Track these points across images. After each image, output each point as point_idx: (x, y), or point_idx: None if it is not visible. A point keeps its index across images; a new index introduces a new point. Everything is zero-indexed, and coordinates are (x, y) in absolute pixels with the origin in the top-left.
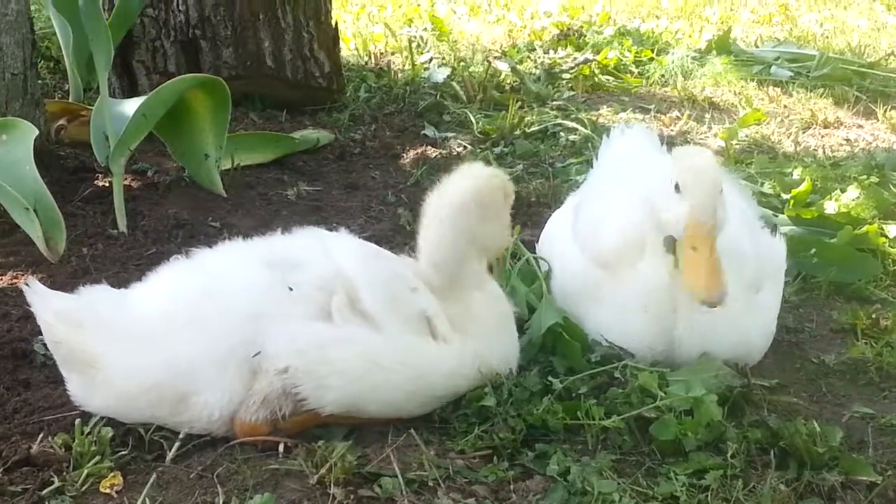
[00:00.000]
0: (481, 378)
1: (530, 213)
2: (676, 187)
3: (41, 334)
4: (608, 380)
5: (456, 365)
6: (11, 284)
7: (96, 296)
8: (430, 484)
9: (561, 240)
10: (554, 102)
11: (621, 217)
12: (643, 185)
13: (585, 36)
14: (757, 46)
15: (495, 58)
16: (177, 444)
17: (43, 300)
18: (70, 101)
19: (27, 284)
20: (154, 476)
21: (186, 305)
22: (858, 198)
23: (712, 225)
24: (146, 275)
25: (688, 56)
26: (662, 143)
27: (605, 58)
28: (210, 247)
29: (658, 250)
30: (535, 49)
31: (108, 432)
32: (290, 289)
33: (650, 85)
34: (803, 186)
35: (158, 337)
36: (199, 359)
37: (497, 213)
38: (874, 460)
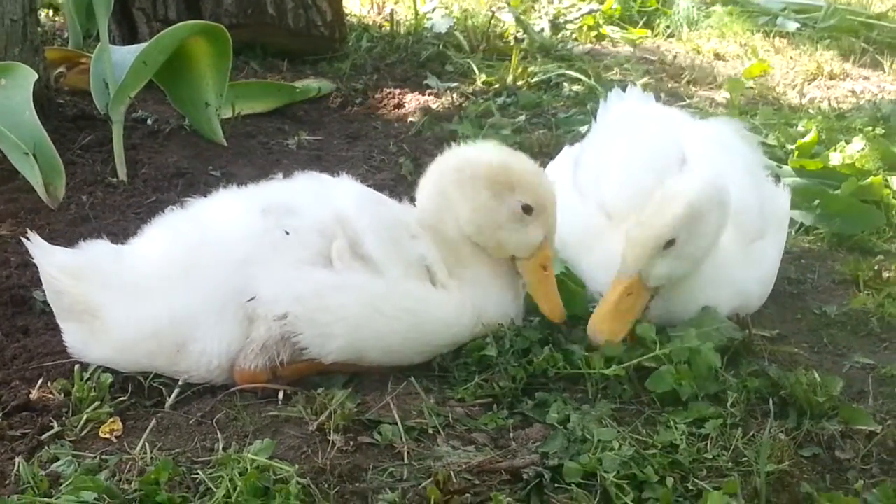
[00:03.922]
0: (482, 328)
1: None
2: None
3: (41, 283)
4: None
5: (457, 312)
6: (10, 231)
7: (97, 250)
8: (430, 431)
9: (559, 189)
10: (557, 53)
11: (623, 169)
12: (644, 138)
13: None
14: None
15: (499, 8)
16: (176, 391)
17: (45, 254)
18: (69, 48)
19: (28, 238)
20: (153, 422)
21: (182, 255)
22: (864, 149)
23: (635, 279)
24: (146, 223)
25: (693, 7)
26: (666, 96)
27: (610, 8)
28: (209, 196)
29: None
30: None
31: (108, 378)
32: (287, 232)
33: (655, 36)
34: (809, 137)
35: (156, 287)
36: (197, 307)
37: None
38: (874, 410)
